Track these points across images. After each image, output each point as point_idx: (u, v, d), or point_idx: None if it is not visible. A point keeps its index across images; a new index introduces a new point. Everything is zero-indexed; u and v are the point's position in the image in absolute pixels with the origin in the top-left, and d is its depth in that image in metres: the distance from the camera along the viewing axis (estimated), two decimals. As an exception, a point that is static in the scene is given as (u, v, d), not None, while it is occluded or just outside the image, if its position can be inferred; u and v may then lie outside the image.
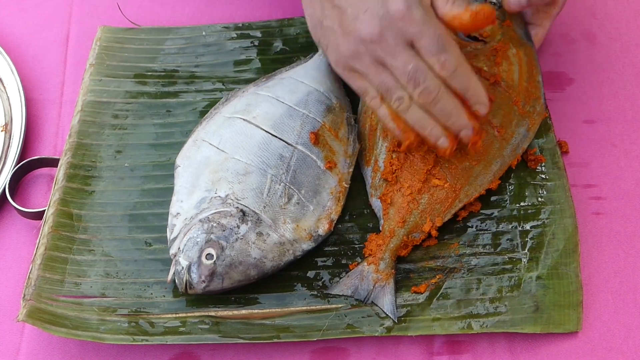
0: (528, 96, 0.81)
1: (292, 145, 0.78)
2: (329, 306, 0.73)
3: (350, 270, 0.75)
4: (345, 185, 0.79)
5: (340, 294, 0.74)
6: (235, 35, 0.92)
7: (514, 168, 0.79)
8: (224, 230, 0.73)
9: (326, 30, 0.71)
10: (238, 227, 0.73)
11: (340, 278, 0.75)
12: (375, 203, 0.78)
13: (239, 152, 0.77)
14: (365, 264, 0.74)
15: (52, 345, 0.74)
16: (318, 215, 0.76)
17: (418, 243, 0.76)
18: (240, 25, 0.93)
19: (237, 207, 0.74)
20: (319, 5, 0.72)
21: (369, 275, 0.73)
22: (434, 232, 0.76)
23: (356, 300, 0.73)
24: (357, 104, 0.84)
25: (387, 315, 0.72)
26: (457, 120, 0.69)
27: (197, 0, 0.97)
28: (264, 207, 0.75)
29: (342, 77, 0.73)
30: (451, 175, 0.76)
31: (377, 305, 0.73)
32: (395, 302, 0.73)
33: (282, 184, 0.76)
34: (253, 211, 0.74)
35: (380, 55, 0.68)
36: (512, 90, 0.80)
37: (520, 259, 0.75)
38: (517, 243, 0.76)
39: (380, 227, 0.76)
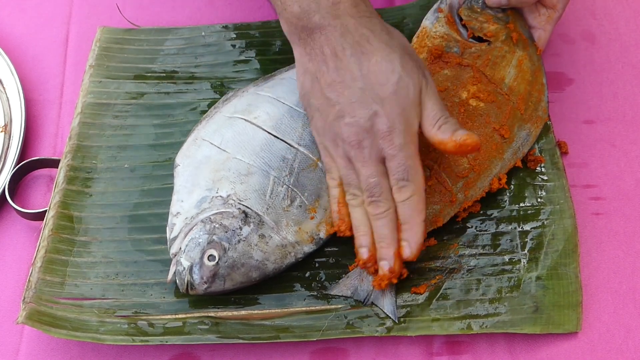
0: (530, 99, 0.80)
1: (294, 147, 0.78)
2: (328, 306, 0.73)
3: (350, 271, 0.75)
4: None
5: (340, 294, 0.74)
6: (235, 36, 0.92)
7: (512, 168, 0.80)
8: (226, 232, 0.73)
9: (312, 107, 0.74)
10: (240, 228, 0.73)
11: (340, 279, 0.75)
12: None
13: (240, 152, 0.77)
14: None
15: (51, 347, 0.74)
16: (320, 218, 0.76)
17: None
18: (240, 25, 0.93)
19: (240, 208, 0.74)
20: (309, 81, 0.74)
21: (369, 276, 0.73)
22: (432, 242, 0.76)
23: (356, 301, 0.73)
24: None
25: (387, 315, 0.72)
26: (385, 247, 0.71)
27: (197, 0, 0.97)
28: (267, 209, 0.75)
29: (318, 147, 0.76)
30: (450, 178, 0.76)
31: (377, 306, 0.73)
32: (396, 302, 0.73)
33: (284, 186, 0.76)
34: (256, 213, 0.74)
35: (352, 157, 0.72)
36: (514, 93, 0.80)
37: (520, 260, 0.75)
38: (516, 243, 0.76)
39: None
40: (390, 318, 0.72)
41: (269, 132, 0.78)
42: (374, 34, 0.72)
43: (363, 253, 0.72)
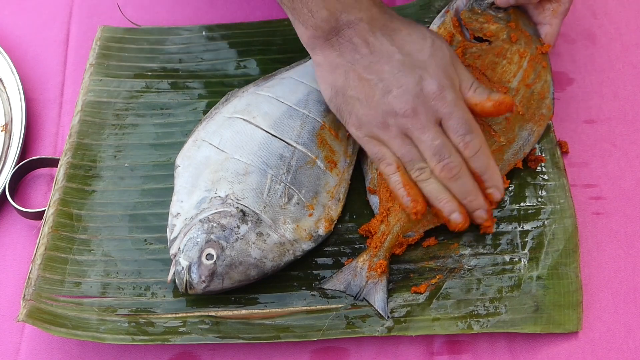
0: (532, 97, 0.80)
1: (292, 146, 0.78)
2: (329, 306, 0.73)
3: (345, 265, 0.75)
4: (346, 185, 0.79)
5: (333, 288, 0.74)
6: (235, 35, 0.92)
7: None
8: (224, 231, 0.73)
9: (350, 99, 0.74)
10: (238, 227, 0.73)
11: (334, 273, 0.75)
12: (373, 199, 0.78)
13: (239, 152, 0.77)
14: (359, 260, 0.74)
15: (52, 345, 0.74)
16: (318, 216, 0.76)
17: (412, 242, 0.76)
18: (240, 25, 0.93)
19: (237, 207, 0.74)
20: (342, 75, 0.74)
21: (362, 272, 0.73)
22: (432, 241, 0.76)
23: (348, 295, 0.73)
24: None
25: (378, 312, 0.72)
26: (474, 199, 0.73)
27: (197, 0, 0.97)
28: (264, 207, 0.75)
29: (358, 141, 0.76)
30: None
31: (368, 302, 0.73)
32: (387, 299, 0.73)
33: (282, 184, 0.76)
34: (253, 211, 0.74)
35: (410, 129, 0.72)
36: (515, 92, 0.80)
37: (520, 259, 0.75)
38: (517, 243, 0.76)
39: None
40: (380, 313, 0.72)
41: (267, 132, 0.78)
42: (394, 16, 0.75)
43: (456, 218, 0.73)
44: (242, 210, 0.74)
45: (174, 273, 0.73)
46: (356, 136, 0.75)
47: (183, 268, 0.72)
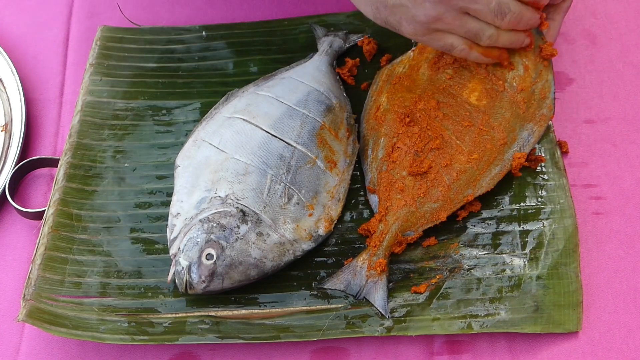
0: (533, 97, 0.80)
1: (292, 145, 0.78)
2: (329, 306, 0.73)
3: (345, 265, 0.75)
4: (346, 185, 0.79)
5: (333, 287, 0.74)
6: (235, 35, 0.92)
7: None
8: (224, 231, 0.73)
9: (394, 7, 0.74)
10: (238, 227, 0.73)
11: (334, 273, 0.75)
12: (373, 199, 0.78)
13: (239, 152, 0.77)
14: (359, 259, 0.74)
15: (52, 345, 0.74)
16: (318, 215, 0.76)
17: (412, 241, 0.76)
18: (240, 25, 0.93)
19: (237, 207, 0.74)
20: None
21: (362, 271, 0.73)
22: (432, 241, 0.76)
23: (348, 294, 0.73)
24: (356, 104, 0.85)
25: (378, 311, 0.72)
26: (534, 20, 0.77)
27: (197, 0, 0.97)
28: (264, 207, 0.75)
29: (423, 43, 0.77)
30: (449, 176, 0.76)
31: (369, 301, 0.73)
32: (388, 298, 0.73)
33: (282, 184, 0.76)
34: (253, 211, 0.74)
35: (463, 5, 0.72)
36: (516, 93, 0.80)
37: (520, 259, 0.75)
38: (517, 243, 0.76)
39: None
40: (381, 313, 0.72)
41: (267, 131, 0.78)
42: None
43: (526, 41, 0.78)
44: (242, 210, 0.74)
45: (174, 273, 0.73)
46: (416, 39, 0.76)
47: (183, 268, 0.72)
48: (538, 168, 0.80)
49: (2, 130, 0.87)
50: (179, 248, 0.73)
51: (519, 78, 0.80)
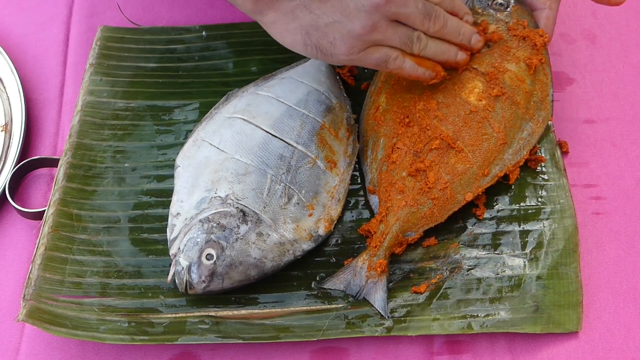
0: (532, 98, 0.80)
1: (292, 145, 0.78)
2: (329, 306, 0.73)
3: (345, 265, 0.75)
4: (346, 185, 0.79)
5: (333, 287, 0.74)
6: (235, 35, 0.92)
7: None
8: (224, 231, 0.73)
9: (326, 28, 0.72)
10: (238, 227, 0.73)
11: (334, 273, 0.75)
12: (373, 199, 0.78)
13: (239, 152, 0.77)
14: (359, 259, 0.74)
15: (52, 345, 0.74)
16: (318, 216, 0.76)
17: (412, 242, 0.76)
18: (241, 25, 0.93)
19: (237, 207, 0.74)
20: (304, 13, 0.72)
21: (362, 271, 0.74)
22: (432, 241, 0.76)
23: (348, 294, 0.73)
24: (356, 104, 0.85)
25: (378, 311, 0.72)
26: (465, 30, 0.79)
27: (197, 0, 0.97)
28: (264, 207, 0.75)
29: (355, 63, 0.75)
30: (449, 176, 0.76)
31: (368, 302, 0.73)
32: (387, 298, 0.73)
33: (282, 184, 0.76)
34: (253, 211, 0.74)
35: (395, 11, 0.73)
36: (515, 92, 0.80)
37: (520, 259, 0.75)
38: (517, 243, 0.76)
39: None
40: (381, 314, 0.72)
41: (267, 131, 0.78)
42: None
43: (462, 56, 0.79)
44: (242, 210, 0.74)
45: (174, 273, 0.72)
46: (350, 60, 0.74)
47: (183, 268, 0.72)
48: (538, 168, 0.80)
49: (2, 130, 0.87)
50: (179, 248, 0.73)
51: (517, 78, 0.80)
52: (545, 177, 0.80)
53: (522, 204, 0.78)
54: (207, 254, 0.72)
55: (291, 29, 0.73)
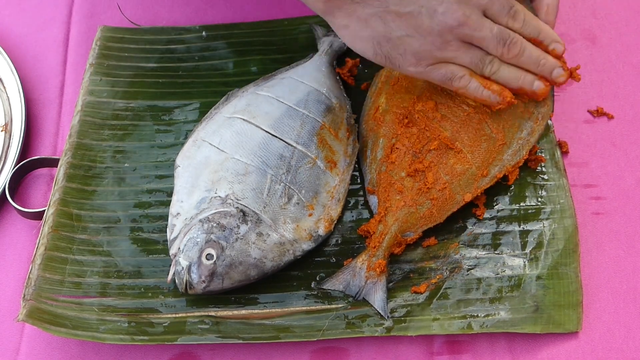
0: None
1: (292, 145, 0.78)
2: (329, 306, 0.73)
3: (345, 265, 0.75)
4: (345, 185, 0.79)
5: (332, 288, 0.74)
6: (235, 35, 0.92)
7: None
8: (224, 231, 0.73)
9: (398, 40, 0.73)
10: (238, 227, 0.73)
11: (334, 273, 0.75)
12: (372, 199, 0.78)
13: (239, 152, 0.77)
14: (358, 260, 0.74)
15: (52, 345, 0.74)
16: (318, 215, 0.76)
17: (411, 242, 0.76)
18: (240, 25, 0.93)
19: (237, 207, 0.74)
20: (378, 22, 0.73)
21: (361, 272, 0.73)
22: (432, 241, 0.76)
23: (347, 295, 0.73)
24: (356, 104, 0.85)
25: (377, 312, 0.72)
26: (546, 62, 0.76)
27: (197, 0, 0.97)
28: (264, 207, 0.75)
29: (421, 76, 0.76)
30: (448, 177, 0.76)
31: (368, 302, 0.73)
32: (387, 299, 0.73)
33: (282, 184, 0.76)
34: (253, 211, 0.74)
35: (468, 33, 0.73)
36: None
37: (520, 259, 0.75)
38: (517, 243, 0.76)
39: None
40: (381, 314, 0.72)
41: (267, 131, 0.78)
42: None
43: (539, 85, 0.77)
44: (242, 210, 0.74)
45: (174, 273, 0.72)
46: (417, 72, 0.75)
47: (183, 268, 0.72)
48: (538, 168, 0.80)
49: (2, 130, 0.87)
50: (179, 248, 0.73)
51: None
52: (545, 177, 0.80)
53: (522, 204, 0.78)
54: (207, 254, 0.72)
55: (363, 36, 0.74)
